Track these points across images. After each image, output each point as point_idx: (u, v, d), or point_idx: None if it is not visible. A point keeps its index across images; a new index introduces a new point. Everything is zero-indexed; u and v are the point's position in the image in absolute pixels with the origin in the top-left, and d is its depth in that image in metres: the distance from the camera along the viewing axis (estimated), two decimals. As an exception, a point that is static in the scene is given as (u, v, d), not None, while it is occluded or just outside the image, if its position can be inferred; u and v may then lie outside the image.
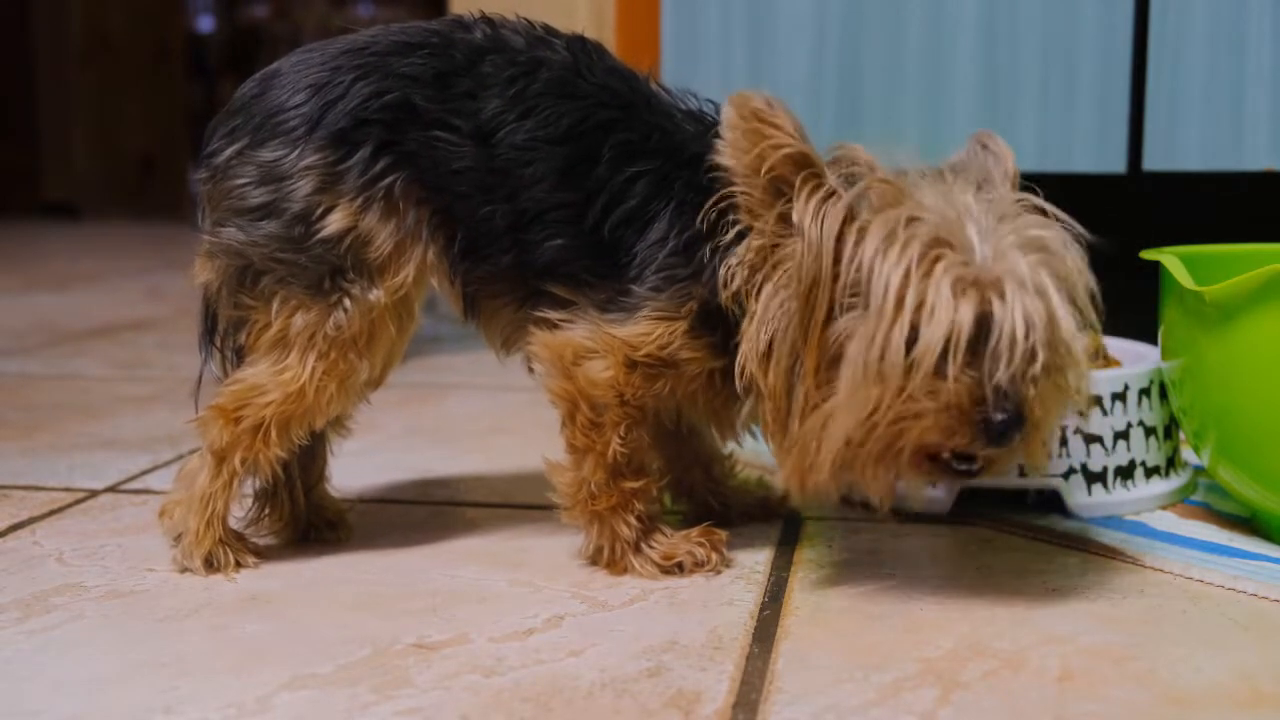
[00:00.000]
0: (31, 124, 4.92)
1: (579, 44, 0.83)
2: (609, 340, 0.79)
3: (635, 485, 0.81)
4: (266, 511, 0.88)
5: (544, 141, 0.79)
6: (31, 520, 0.94)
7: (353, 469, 1.03)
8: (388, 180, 0.79)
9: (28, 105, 4.91)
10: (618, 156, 0.79)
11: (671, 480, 0.93)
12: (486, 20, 0.83)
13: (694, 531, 0.83)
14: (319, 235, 0.79)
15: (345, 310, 0.80)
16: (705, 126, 0.81)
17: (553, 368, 0.80)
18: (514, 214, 0.80)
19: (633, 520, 0.81)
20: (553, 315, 0.80)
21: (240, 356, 0.85)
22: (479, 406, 1.38)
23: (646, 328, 0.78)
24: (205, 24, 5.58)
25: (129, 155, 5.11)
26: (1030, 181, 0.78)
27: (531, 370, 0.84)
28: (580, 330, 0.79)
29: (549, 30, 0.83)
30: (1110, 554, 0.85)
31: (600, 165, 0.79)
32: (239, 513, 0.86)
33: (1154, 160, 1.30)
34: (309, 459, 0.89)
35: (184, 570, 0.82)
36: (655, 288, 0.78)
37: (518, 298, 0.83)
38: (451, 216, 0.81)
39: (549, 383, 0.81)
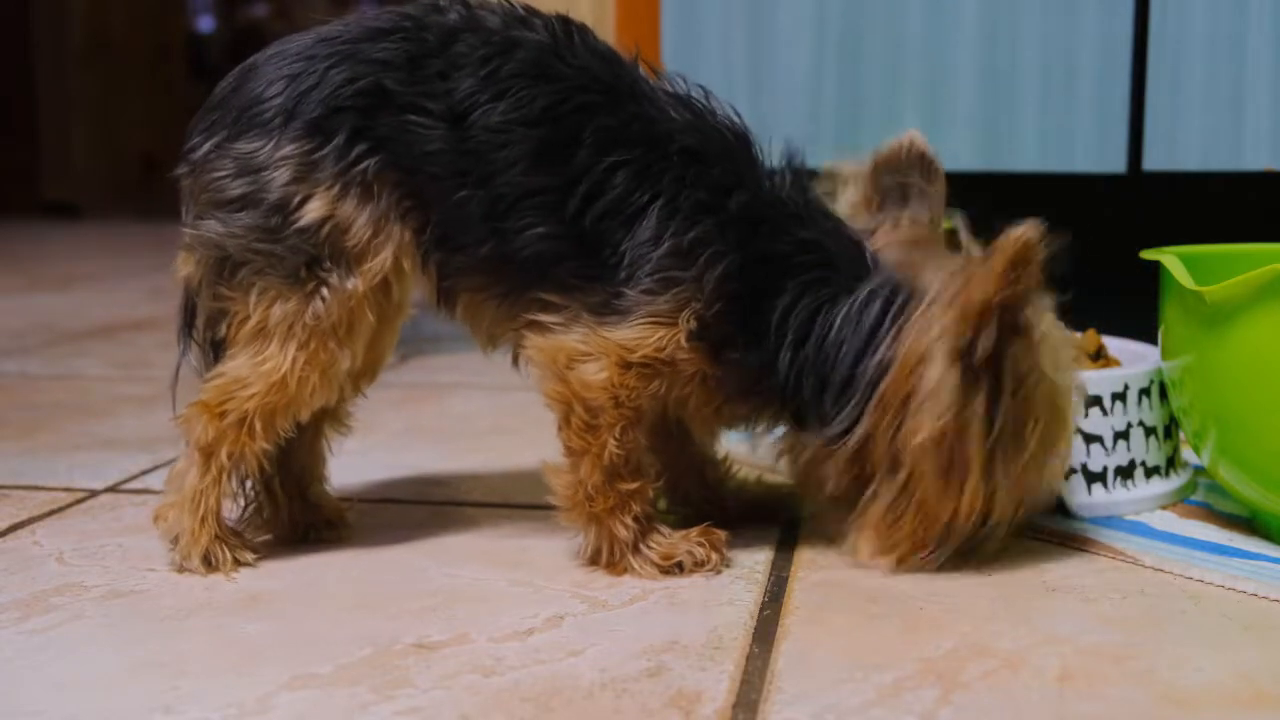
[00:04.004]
0: (31, 124, 4.92)
1: (560, 24, 0.82)
2: (603, 344, 0.78)
3: (632, 487, 0.81)
4: (265, 516, 0.88)
5: (518, 124, 0.78)
6: (31, 520, 0.94)
7: (353, 468, 1.03)
8: (362, 166, 0.79)
9: (28, 105, 4.91)
10: (598, 143, 0.78)
11: (666, 484, 0.93)
12: (462, 2, 0.82)
13: (693, 531, 0.83)
14: (296, 225, 0.78)
15: (323, 299, 0.79)
16: (695, 114, 0.81)
17: (547, 371, 0.80)
18: (490, 200, 0.79)
19: (630, 521, 0.81)
20: (544, 319, 0.80)
21: (218, 349, 0.84)
22: (479, 406, 1.38)
23: (643, 332, 0.78)
24: (205, 24, 5.58)
25: (129, 155, 5.11)
26: (1031, 181, 0.78)
27: (516, 364, 0.84)
28: (573, 335, 0.79)
29: (530, 10, 0.82)
30: (1110, 554, 0.85)
31: (581, 150, 0.78)
32: (237, 516, 0.87)
33: (1154, 160, 1.30)
34: (307, 457, 0.89)
35: (183, 570, 0.82)
36: (649, 290, 0.78)
37: (499, 292, 0.82)
38: (425, 200, 0.80)
39: (544, 386, 0.80)
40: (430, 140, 0.79)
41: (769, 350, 0.79)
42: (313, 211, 0.78)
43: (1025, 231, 0.73)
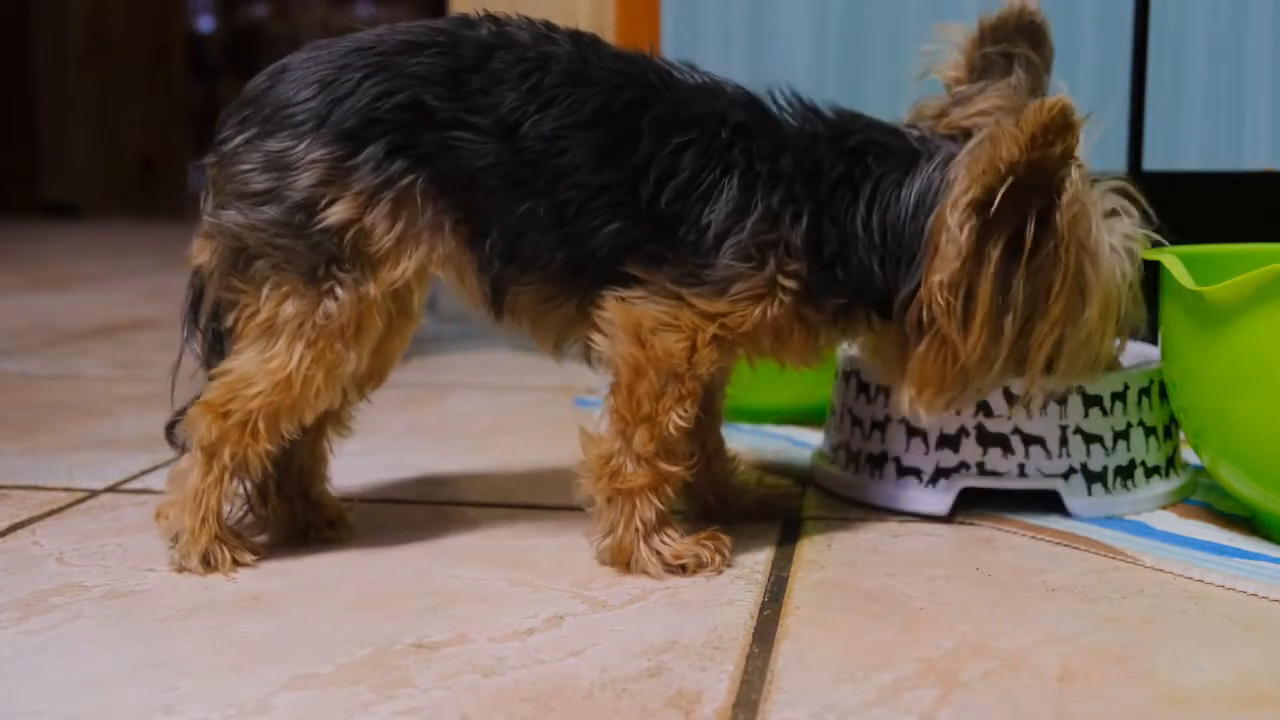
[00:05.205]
0: (31, 124, 4.93)
1: (579, 37, 0.83)
2: (691, 318, 0.79)
3: (671, 469, 0.81)
4: (266, 516, 0.88)
5: (573, 128, 0.80)
6: (31, 520, 0.94)
7: (353, 469, 1.03)
8: (404, 182, 0.79)
9: (28, 105, 4.92)
10: (659, 130, 0.80)
11: None
12: (491, 18, 0.83)
13: (701, 535, 0.83)
14: (320, 224, 0.79)
15: (336, 299, 0.80)
16: (730, 99, 0.83)
17: (625, 334, 0.80)
18: (556, 206, 0.80)
19: (657, 503, 0.81)
20: (625, 294, 0.80)
21: (220, 339, 0.85)
22: (479, 406, 1.38)
23: (744, 308, 0.80)
24: (205, 24, 5.58)
25: (129, 155, 5.12)
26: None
27: (590, 362, 0.84)
28: (657, 306, 0.80)
29: (550, 26, 0.84)
30: (1110, 554, 0.85)
31: (643, 141, 0.80)
32: (237, 516, 0.87)
33: (1154, 160, 1.30)
34: (308, 457, 0.89)
35: (182, 570, 0.82)
36: (747, 257, 0.79)
37: (574, 295, 0.83)
38: (475, 214, 0.81)
39: (618, 348, 0.80)
40: (481, 155, 0.80)
41: (867, 261, 0.81)
42: (338, 214, 0.79)
43: (1057, 100, 0.75)
